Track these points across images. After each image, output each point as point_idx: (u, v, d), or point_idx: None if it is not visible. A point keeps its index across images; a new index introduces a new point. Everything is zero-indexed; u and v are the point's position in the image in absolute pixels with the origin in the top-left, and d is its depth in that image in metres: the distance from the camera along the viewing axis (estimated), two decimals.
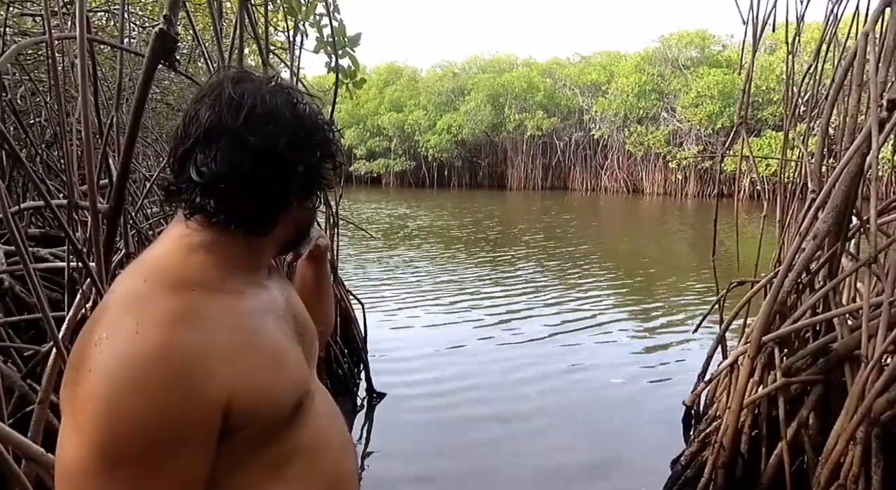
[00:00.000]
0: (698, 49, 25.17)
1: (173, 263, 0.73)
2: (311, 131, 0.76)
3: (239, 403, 0.67)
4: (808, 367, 2.46)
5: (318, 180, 0.80)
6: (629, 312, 6.43)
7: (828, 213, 2.25)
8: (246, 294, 0.76)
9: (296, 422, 0.77)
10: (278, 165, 0.72)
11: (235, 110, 0.71)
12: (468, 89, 29.08)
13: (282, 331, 0.80)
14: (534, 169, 29.20)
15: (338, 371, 3.93)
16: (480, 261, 9.60)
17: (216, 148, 0.70)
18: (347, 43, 3.93)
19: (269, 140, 0.71)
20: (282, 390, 0.74)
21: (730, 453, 2.38)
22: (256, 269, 0.81)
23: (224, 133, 0.70)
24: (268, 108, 0.72)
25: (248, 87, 0.73)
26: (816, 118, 3.30)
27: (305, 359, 0.85)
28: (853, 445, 2.00)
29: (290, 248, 0.90)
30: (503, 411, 3.86)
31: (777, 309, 2.38)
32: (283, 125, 0.73)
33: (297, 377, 0.78)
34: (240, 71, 0.78)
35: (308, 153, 0.75)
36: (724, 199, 21.11)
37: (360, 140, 29.97)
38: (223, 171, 0.70)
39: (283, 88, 0.76)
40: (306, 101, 0.78)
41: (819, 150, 2.62)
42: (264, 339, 0.75)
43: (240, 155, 0.70)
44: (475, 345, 5.16)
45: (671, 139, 24.91)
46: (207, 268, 0.73)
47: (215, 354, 0.67)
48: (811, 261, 2.41)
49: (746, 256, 3.57)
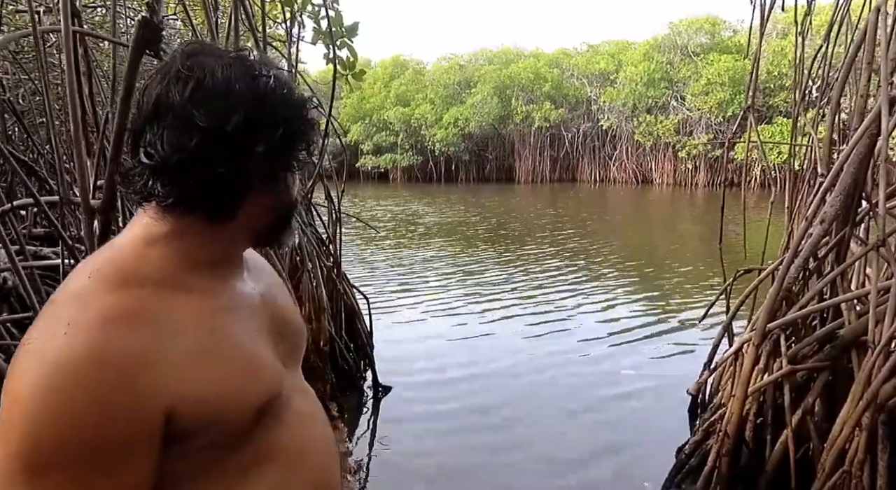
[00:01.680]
0: (708, 35, 24.78)
1: (126, 258, 0.68)
2: (273, 107, 0.68)
3: (188, 408, 0.64)
4: (814, 353, 2.41)
5: (286, 161, 0.73)
6: (639, 303, 6.38)
7: (836, 196, 2.19)
8: (209, 290, 0.72)
9: (266, 425, 0.73)
10: (231, 144, 0.66)
11: (183, 85, 0.65)
12: (474, 82, 28.90)
13: (251, 330, 0.75)
14: (542, 161, 29.00)
15: (343, 366, 3.93)
16: (487, 255, 9.57)
17: (163, 126, 0.65)
18: (345, 33, 3.91)
19: (218, 116, 0.65)
20: (243, 393, 0.69)
21: (734, 441, 2.34)
22: (225, 262, 0.76)
23: (171, 110, 0.65)
24: (219, 82, 0.66)
25: (200, 60, 0.67)
26: (827, 102, 3.22)
27: (284, 358, 0.81)
28: (859, 431, 1.96)
29: (270, 239, 0.81)
30: (510, 403, 3.85)
31: (783, 295, 2.34)
32: (237, 100, 0.66)
33: (263, 379, 0.73)
34: (198, 44, 0.72)
35: (269, 131, 0.68)
36: (734, 188, 20.87)
37: (367, 135, 29.91)
38: (169, 150, 0.65)
39: (245, 61, 0.70)
40: (273, 74, 0.70)
41: (829, 134, 2.56)
42: (224, 339, 0.70)
43: (186, 133, 0.64)
44: (482, 338, 5.15)
45: (681, 128, 24.61)
46: (165, 262, 0.69)
47: (160, 357, 0.62)
48: (818, 246, 2.35)
49: (756, 245, 3.51)
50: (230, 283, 0.76)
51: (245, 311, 0.76)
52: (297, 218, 0.86)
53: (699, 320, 4.47)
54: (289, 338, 0.84)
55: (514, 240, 11.07)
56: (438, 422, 3.61)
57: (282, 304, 0.85)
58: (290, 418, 0.77)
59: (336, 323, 4.04)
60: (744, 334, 2.83)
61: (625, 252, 9.77)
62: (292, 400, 0.79)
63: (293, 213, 0.80)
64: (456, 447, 3.31)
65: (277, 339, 0.80)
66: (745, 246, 3.55)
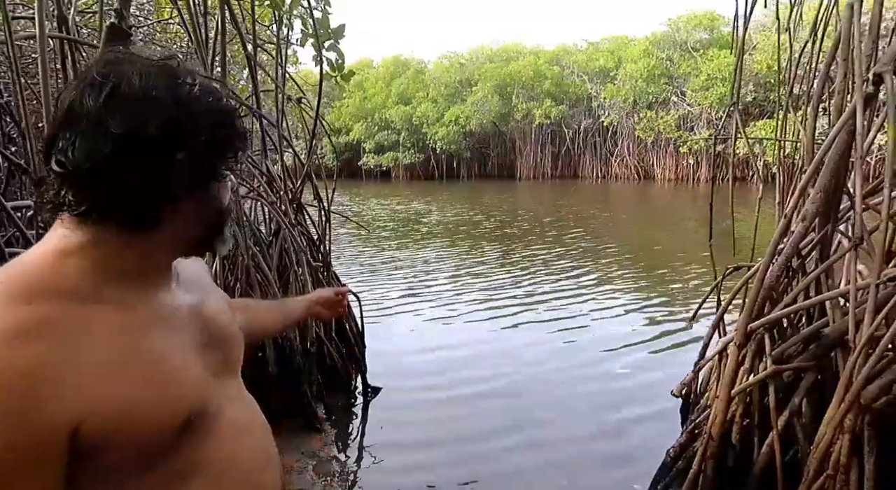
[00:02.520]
0: (707, 31, 24.64)
1: (37, 270, 0.66)
2: (195, 114, 0.67)
3: (96, 424, 0.63)
4: (799, 353, 2.37)
5: (211, 169, 0.71)
6: (638, 301, 6.34)
7: (816, 193, 2.16)
8: (127, 302, 0.70)
9: (192, 438, 0.72)
10: (148, 152, 0.64)
11: (97, 91, 0.64)
12: (475, 80, 28.87)
13: (173, 343, 0.74)
14: (543, 158, 28.97)
15: (332, 366, 3.92)
16: (482, 253, 9.54)
17: (75, 133, 0.63)
18: (332, 35, 3.89)
19: (134, 123, 0.63)
20: (156, 408, 0.68)
21: (719, 444, 2.31)
22: (148, 273, 0.74)
23: (84, 116, 0.63)
24: (136, 88, 0.64)
25: (118, 67, 0.66)
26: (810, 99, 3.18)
27: (216, 369, 0.80)
28: (841, 434, 1.92)
29: (199, 248, 0.80)
30: (502, 404, 3.82)
31: (766, 294, 2.30)
32: (154, 107, 0.64)
33: (182, 393, 0.71)
34: (120, 52, 0.71)
35: (191, 139, 0.67)
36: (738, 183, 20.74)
37: (369, 134, 29.94)
38: (81, 158, 0.63)
39: (168, 68, 0.68)
40: (199, 82, 0.69)
41: (810, 129, 2.52)
42: (137, 353, 0.69)
43: (100, 140, 0.63)
44: (474, 337, 5.12)
45: (682, 124, 24.50)
46: (80, 274, 0.67)
47: (64, 372, 0.61)
48: (801, 244, 2.32)
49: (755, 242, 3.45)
50: (153, 294, 0.74)
51: (168, 322, 0.75)
52: (232, 225, 0.84)
53: (689, 320, 4.44)
54: (221, 348, 0.83)
55: (512, 238, 11.04)
56: (428, 422, 3.59)
57: (213, 315, 0.84)
58: (221, 430, 0.77)
59: (325, 323, 4.02)
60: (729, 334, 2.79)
61: (628, 250, 9.71)
62: (224, 411, 0.78)
63: (224, 222, 0.79)
64: (445, 449, 3.29)
65: (207, 350, 0.79)
66: (735, 243, 3.51)
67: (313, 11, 3.74)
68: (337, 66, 3.92)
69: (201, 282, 0.88)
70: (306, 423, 3.41)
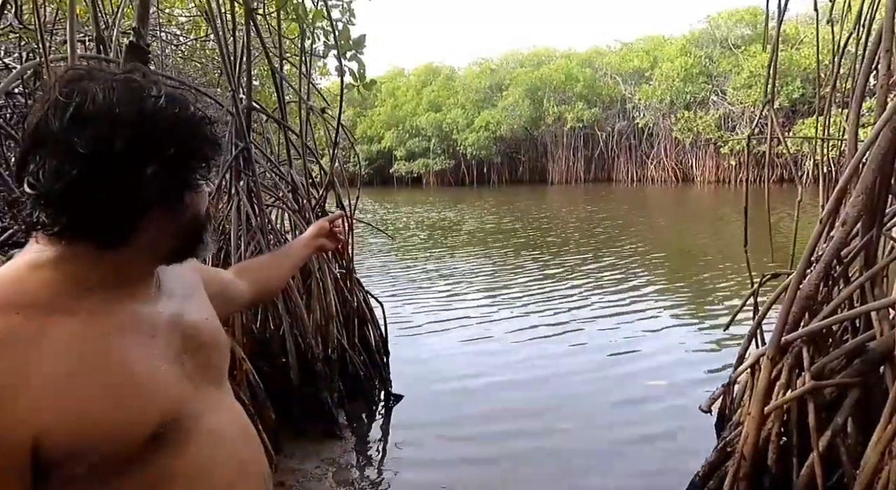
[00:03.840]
0: (750, 26, 23.83)
1: (5, 283, 0.67)
2: (161, 128, 0.67)
3: (59, 435, 0.63)
4: (842, 368, 2.19)
5: (182, 180, 0.71)
6: (673, 310, 6.09)
7: (857, 195, 1.99)
8: (99, 313, 0.70)
9: (165, 448, 0.72)
10: (116, 169, 0.65)
11: (62, 111, 0.64)
12: (506, 85, 28.79)
13: (147, 352, 0.73)
14: (575, 161, 28.60)
15: (354, 373, 3.89)
16: (511, 261, 9.41)
17: (44, 155, 0.64)
18: (353, 45, 3.90)
19: (100, 141, 0.63)
20: (123, 418, 0.68)
21: (751, 464, 2.15)
22: (123, 284, 0.74)
23: (50, 138, 0.64)
24: (100, 106, 0.64)
25: (80, 85, 0.66)
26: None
27: (196, 378, 0.79)
28: (890, 458, 1.76)
29: (177, 256, 0.80)
30: (526, 415, 3.70)
31: (803, 304, 2.14)
32: (118, 123, 0.64)
33: (151, 402, 0.71)
34: (82, 69, 0.71)
35: (158, 152, 0.67)
36: (784, 184, 19.87)
37: (400, 141, 30.23)
38: (50, 180, 0.63)
39: (132, 83, 0.68)
40: (164, 94, 0.69)
41: (853, 126, 2.34)
42: (106, 364, 0.68)
43: (67, 161, 0.63)
44: (500, 346, 5.01)
45: (723, 123, 23.74)
46: (47, 286, 0.67)
47: (25, 382, 0.62)
48: (842, 250, 2.15)
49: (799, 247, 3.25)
50: (128, 304, 0.74)
51: (138, 331, 0.74)
52: (211, 230, 0.83)
53: (724, 329, 4.21)
54: (203, 356, 0.82)
55: (541, 245, 10.86)
56: (451, 431, 3.51)
57: (195, 322, 0.83)
58: (199, 439, 0.76)
59: (348, 330, 4.01)
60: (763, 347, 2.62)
61: (665, 257, 9.35)
62: (203, 420, 0.77)
63: (202, 230, 0.79)
64: (469, 459, 3.20)
65: (186, 358, 0.79)
66: (774, 248, 3.32)
67: (336, 23, 3.76)
68: (359, 75, 3.92)
69: (182, 288, 0.87)
70: (327, 430, 3.39)
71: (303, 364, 3.47)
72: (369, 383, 3.99)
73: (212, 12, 3.61)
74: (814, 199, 3.17)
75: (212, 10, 3.60)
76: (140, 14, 1.77)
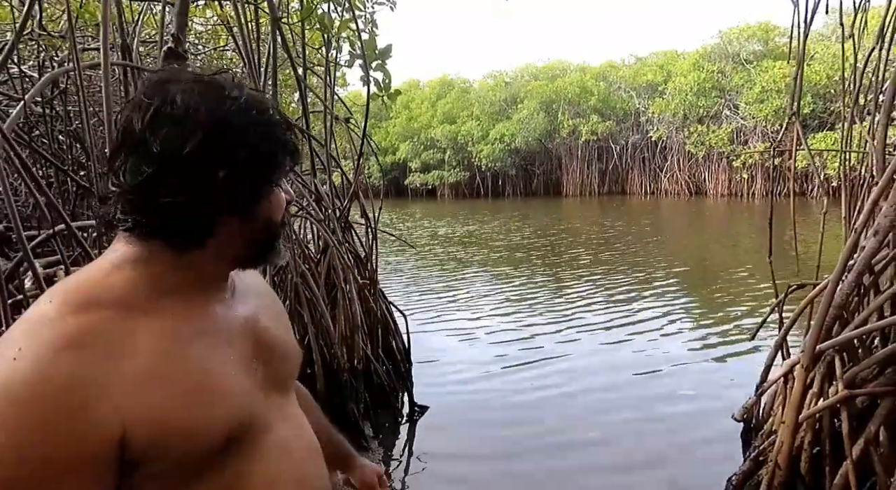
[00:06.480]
0: (761, 42, 23.85)
1: (90, 281, 0.68)
2: (235, 131, 0.67)
3: (140, 435, 0.63)
4: (875, 377, 2.20)
5: (255, 184, 0.71)
6: (696, 321, 6.06)
7: (889, 206, 2.01)
8: (178, 315, 0.70)
9: (238, 454, 0.72)
10: (187, 171, 0.65)
11: (143, 112, 0.66)
12: (521, 98, 28.95)
13: (222, 356, 0.74)
14: (590, 174, 28.60)
15: (379, 384, 3.91)
16: (532, 272, 9.42)
17: (127, 154, 0.67)
18: (378, 55, 3.99)
19: (172, 143, 0.64)
20: (200, 422, 0.68)
21: (786, 473, 2.16)
22: (200, 286, 0.74)
23: (131, 137, 0.66)
24: (177, 107, 0.65)
25: (164, 87, 0.67)
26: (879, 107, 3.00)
27: (266, 386, 0.79)
28: None
29: (251, 262, 0.80)
30: (552, 425, 3.69)
31: (835, 313, 2.15)
32: (191, 125, 0.65)
33: (225, 407, 0.71)
34: (172, 70, 0.74)
35: (231, 155, 0.67)
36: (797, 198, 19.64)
37: (415, 153, 30.43)
38: (129, 178, 0.66)
39: (215, 85, 0.69)
40: (244, 96, 0.69)
41: (881, 140, 2.37)
42: (186, 365, 0.69)
43: (144, 160, 0.65)
44: (524, 356, 5.01)
45: (735, 137, 23.66)
46: (129, 286, 0.68)
47: (110, 380, 0.62)
48: (874, 259, 2.16)
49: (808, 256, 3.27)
50: (205, 306, 0.75)
51: (220, 336, 0.75)
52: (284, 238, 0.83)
53: (750, 338, 4.19)
54: (274, 364, 0.82)
55: (563, 257, 10.86)
56: (477, 443, 3.52)
57: (268, 329, 0.83)
58: (268, 448, 0.76)
59: (372, 340, 4.03)
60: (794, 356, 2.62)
61: (681, 269, 9.31)
62: (272, 428, 0.77)
63: (275, 236, 0.78)
64: (492, 471, 3.21)
65: (259, 365, 0.78)
66: (798, 259, 3.32)
67: (361, 34, 3.86)
68: (384, 85, 4.00)
69: (257, 294, 0.87)
70: (353, 442, 3.39)
71: (329, 375, 3.47)
72: (394, 394, 4.00)
73: (239, 21, 3.69)
74: (830, 210, 3.18)
75: (239, 20, 3.68)
76: (179, 23, 1.85)
